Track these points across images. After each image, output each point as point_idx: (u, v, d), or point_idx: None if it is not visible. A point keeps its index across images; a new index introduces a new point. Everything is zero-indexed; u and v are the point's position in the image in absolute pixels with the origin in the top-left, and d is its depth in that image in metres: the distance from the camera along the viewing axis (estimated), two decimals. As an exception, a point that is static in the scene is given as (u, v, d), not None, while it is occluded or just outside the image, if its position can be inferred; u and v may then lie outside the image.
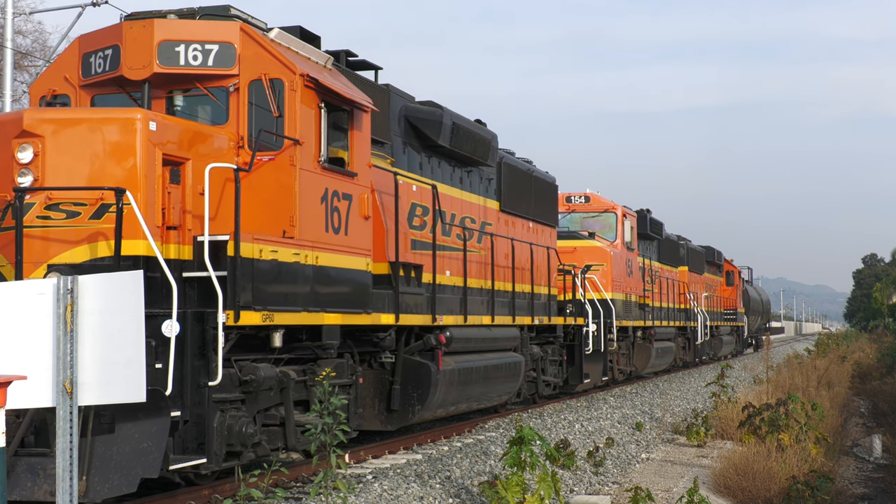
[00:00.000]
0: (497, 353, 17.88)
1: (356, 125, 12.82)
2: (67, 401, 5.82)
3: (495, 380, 17.55)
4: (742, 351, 55.54)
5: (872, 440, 21.83)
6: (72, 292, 5.88)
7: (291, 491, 11.32)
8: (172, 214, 10.43)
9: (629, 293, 28.56)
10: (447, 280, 16.40)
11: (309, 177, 11.65)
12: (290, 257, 11.18)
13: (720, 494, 13.94)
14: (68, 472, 5.85)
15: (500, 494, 10.03)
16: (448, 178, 17.12)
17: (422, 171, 16.11)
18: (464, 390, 15.97)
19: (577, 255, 25.66)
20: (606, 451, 15.52)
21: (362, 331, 13.49)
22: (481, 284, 17.79)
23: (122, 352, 5.94)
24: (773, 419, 17.06)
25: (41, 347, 5.90)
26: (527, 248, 20.17)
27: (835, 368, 37.17)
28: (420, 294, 14.88)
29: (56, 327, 5.88)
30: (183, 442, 10.04)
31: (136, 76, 11.37)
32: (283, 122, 11.44)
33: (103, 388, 5.95)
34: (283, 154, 11.39)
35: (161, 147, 10.29)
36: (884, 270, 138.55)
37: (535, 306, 20.24)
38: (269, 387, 11.16)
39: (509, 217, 19.86)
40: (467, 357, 16.38)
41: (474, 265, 17.63)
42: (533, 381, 20.84)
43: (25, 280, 6.73)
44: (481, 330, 17.29)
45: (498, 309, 18.08)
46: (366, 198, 12.87)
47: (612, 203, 28.85)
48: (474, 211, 18.13)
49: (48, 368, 5.87)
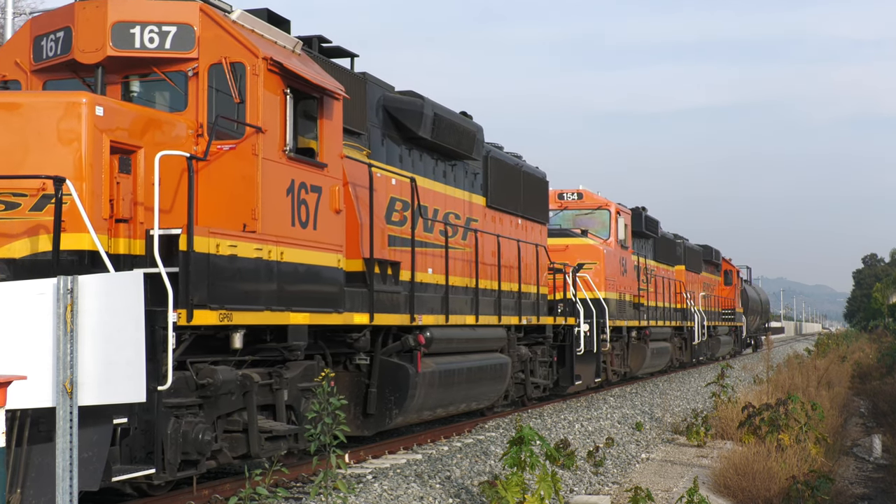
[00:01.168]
0: (482, 354, 17.16)
1: (326, 113, 12.11)
2: (67, 400, 5.80)
3: (480, 382, 16.84)
4: (741, 351, 54.69)
5: (872, 440, 21.76)
6: (72, 292, 5.86)
7: (291, 490, 11.18)
8: (122, 206, 9.72)
9: (623, 292, 27.81)
10: (429, 278, 15.69)
11: (273, 167, 10.93)
12: (251, 252, 10.46)
13: (720, 494, 13.85)
14: (68, 471, 5.82)
15: (500, 494, 10.00)
16: (430, 171, 16.39)
17: (401, 163, 15.36)
18: (445, 393, 15.28)
19: (570, 254, 24.93)
20: (606, 451, 15.43)
21: (335, 331, 12.79)
22: (465, 283, 17.08)
23: (121, 352, 5.97)
24: (772, 419, 17.04)
25: (41, 347, 5.85)
26: (514, 246, 19.43)
27: (835, 368, 37.13)
28: (397, 292, 14.13)
29: (56, 327, 5.84)
30: (131, 451, 9.30)
31: (88, 60, 10.67)
32: (245, 109, 10.72)
33: (103, 388, 5.93)
34: (244, 143, 10.67)
35: (109, 133, 9.57)
36: (884, 270, 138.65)
37: (523, 306, 19.49)
38: (230, 391, 10.45)
39: (496, 213, 19.11)
40: (449, 358, 15.68)
41: (458, 263, 16.92)
42: (521, 383, 20.10)
43: (26, 280, 6.46)
44: (465, 330, 16.56)
45: (483, 308, 17.35)
46: (337, 190, 12.15)
47: (606, 200, 28.07)
48: (459, 206, 17.41)
49: (48, 368, 5.83)
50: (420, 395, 14.26)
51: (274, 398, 11.33)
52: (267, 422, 11.09)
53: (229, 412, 10.70)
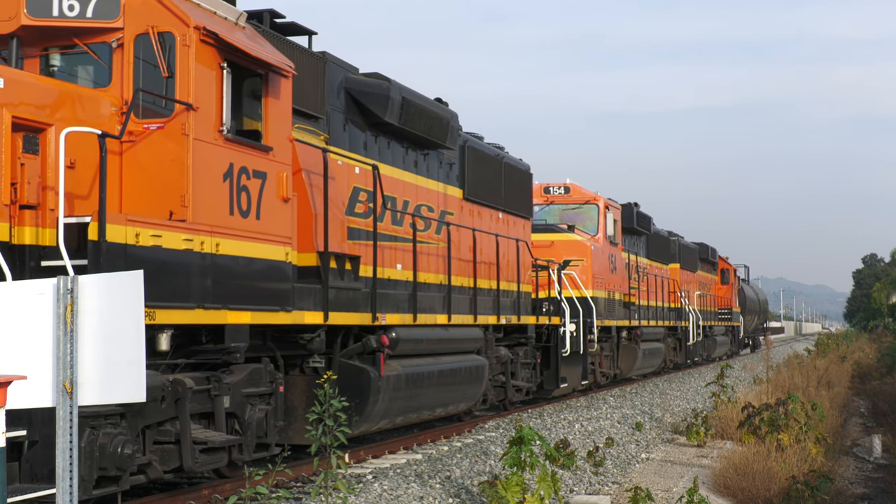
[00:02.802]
0: (455, 355, 15.95)
1: (272, 92, 11.00)
2: (67, 401, 5.91)
3: (453, 386, 15.66)
4: (738, 352, 53.47)
5: (872, 440, 21.78)
6: (72, 292, 5.87)
7: (292, 490, 11.02)
8: (27, 191, 8.61)
9: (612, 290, 26.58)
10: (397, 274, 14.59)
11: (207, 149, 9.81)
12: (178, 244, 9.34)
13: (720, 494, 13.87)
14: (68, 471, 5.93)
15: (500, 494, 10.00)
16: (400, 160, 15.22)
17: (366, 151, 14.21)
18: (413, 398, 14.13)
19: (555, 250, 23.70)
20: (606, 450, 15.43)
21: (286, 331, 11.69)
22: (439, 280, 15.90)
23: (122, 352, 5.94)
24: (772, 419, 17.07)
25: (41, 347, 5.92)
26: (493, 241, 18.26)
27: (835, 368, 37.02)
28: (357, 289, 12.91)
29: (56, 327, 5.89)
30: (31, 467, 8.25)
31: (0, 30, 9.59)
32: (175, 84, 9.62)
33: (103, 388, 5.97)
34: (173, 121, 9.57)
35: (11, 109, 8.51)
36: (883, 270, 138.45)
37: (502, 304, 18.29)
38: (157, 398, 9.34)
39: (474, 206, 17.89)
40: (418, 361, 14.53)
41: (431, 258, 15.77)
42: (502, 386, 18.93)
43: (26, 280, 6.28)
44: (436, 330, 15.36)
45: (457, 307, 16.11)
46: (284, 177, 11.03)
47: (594, 194, 26.77)
48: (432, 198, 16.23)
49: (48, 368, 5.92)
50: (384, 401, 13.19)
51: (213, 405, 10.26)
52: (203, 432, 10.02)
53: (160, 421, 9.61)
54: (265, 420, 11.02)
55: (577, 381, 22.53)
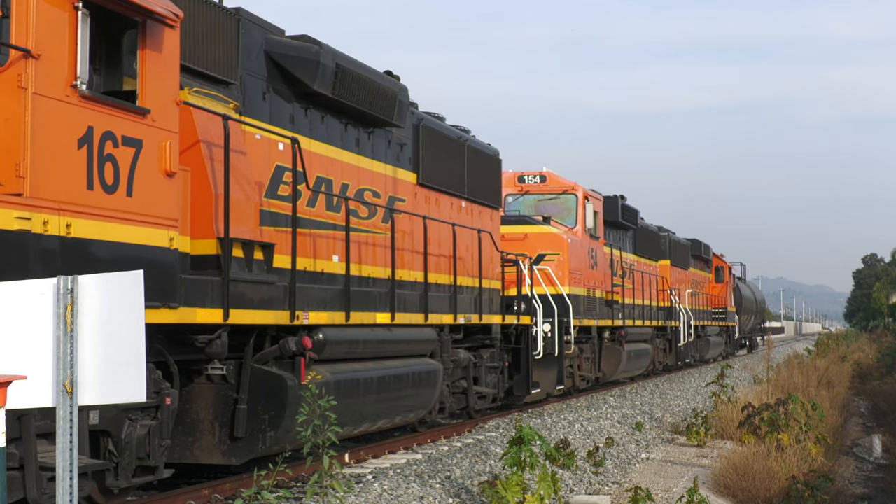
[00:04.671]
0: (402, 359, 14.13)
1: (152, 44, 9.15)
2: (67, 401, 5.90)
3: (399, 393, 13.80)
4: (733, 353, 51.45)
5: (872, 440, 21.78)
6: (72, 292, 5.85)
7: (291, 490, 10.91)
8: None
9: (592, 288, 24.59)
10: (334, 267, 12.83)
11: (55, 107, 8.07)
12: (9, 223, 7.64)
13: (720, 494, 13.88)
14: (68, 471, 5.91)
15: (500, 494, 9.99)
16: (337, 138, 13.36)
17: (294, 125, 12.36)
18: (348, 408, 12.14)
19: (529, 243, 21.89)
20: (606, 450, 15.48)
21: (182, 332, 9.93)
22: (387, 274, 14.08)
23: (122, 352, 5.90)
24: (772, 419, 17.08)
25: (41, 347, 5.89)
26: (450, 231, 16.32)
27: (835, 368, 37.06)
28: (270, 283, 11.07)
29: (56, 327, 5.87)
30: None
31: None
32: (11, 26, 7.88)
33: (103, 388, 5.94)
34: (6, 71, 7.84)
35: None
36: (884, 270, 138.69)
37: (461, 302, 16.37)
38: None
39: (431, 193, 16.04)
40: (355, 366, 12.74)
41: (377, 249, 14.00)
42: (463, 392, 17.07)
43: (26, 280, 6.04)
44: (377, 331, 13.55)
45: (404, 304, 14.29)
46: (168, 147, 9.20)
47: (572, 183, 24.57)
48: (378, 182, 14.38)
49: (48, 368, 5.89)
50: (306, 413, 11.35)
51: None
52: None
53: None
54: (146, 438, 9.29)
55: (552, 385, 20.78)
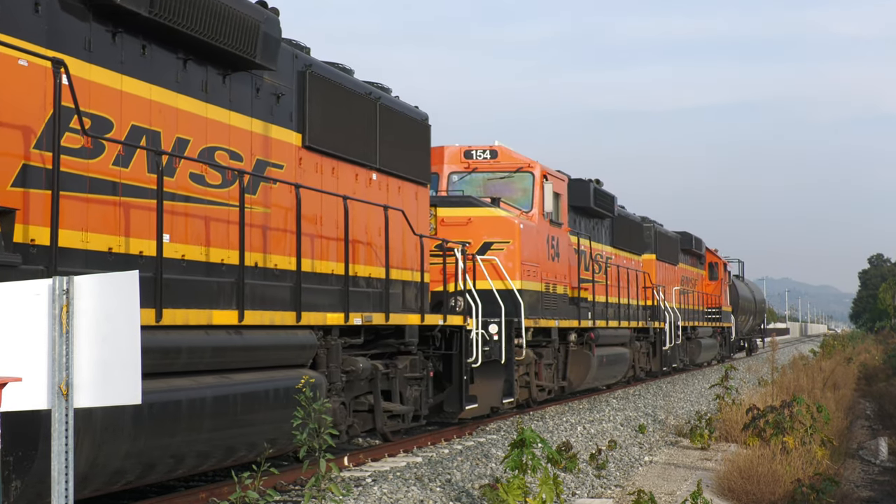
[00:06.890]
0: (260, 372, 10.95)
1: None
2: (63, 403, 5.88)
3: (250, 418, 10.47)
4: (729, 355, 47.42)
5: (878, 443, 21.65)
6: (67, 293, 5.85)
7: (290, 494, 10.91)
8: None
9: (552, 282, 21.08)
10: (166, 250, 9.54)
11: None
12: None
13: (724, 498, 13.74)
14: (63, 474, 5.89)
15: (501, 497, 9.94)
16: (170, 77, 10.02)
17: (91, 51, 8.95)
18: (160, 441, 9.04)
19: (473, 229, 18.56)
20: (609, 453, 15.24)
21: None
22: (248, 260, 10.91)
23: (117, 354, 5.87)
24: (777, 421, 16.86)
25: (37, 349, 5.89)
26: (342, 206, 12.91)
27: (840, 370, 36.56)
28: (13, 265, 7.88)
29: (51, 328, 5.86)
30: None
31: None
32: None
33: (99, 390, 5.92)
34: None
35: None
36: (890, 271, 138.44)
37: (355, 297, 13.04)
38: None
39: (325, 159, 12.88)
40: (175, 383, 9.37)
41: (230, 228, 10.72)
42: (369, 411, 13.79)
43: (22, 281, 6.10)
44: (213, 335, 10.10)
45: (259, 299, 11.13)
46: None
47: (528, 160, 20.65)
48: (238, 140, 11.13)
49: (43, 370, 5.89)
50: (86, 452, 8.06)
51: None
52: None
53: None
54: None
55: (497, 398, 17.71)
